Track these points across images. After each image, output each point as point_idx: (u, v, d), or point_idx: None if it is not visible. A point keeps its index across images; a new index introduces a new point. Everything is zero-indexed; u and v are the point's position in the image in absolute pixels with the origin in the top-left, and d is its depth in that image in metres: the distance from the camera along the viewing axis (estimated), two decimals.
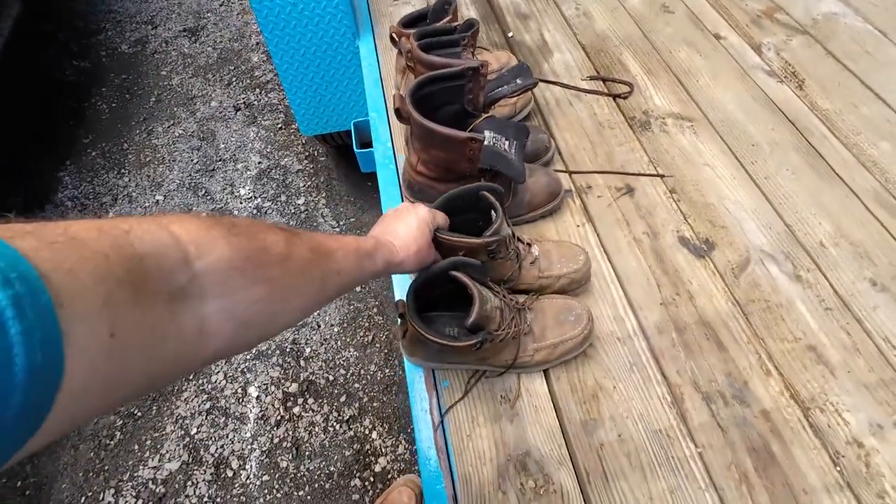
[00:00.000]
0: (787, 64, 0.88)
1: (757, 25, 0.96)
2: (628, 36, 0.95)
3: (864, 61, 0.87)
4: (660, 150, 0.77)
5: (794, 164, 0.74)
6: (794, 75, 0.86)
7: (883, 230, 0.67)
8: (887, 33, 0.91)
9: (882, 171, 0.73)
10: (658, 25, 0.97)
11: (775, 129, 0.79)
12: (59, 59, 1.80)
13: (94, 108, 1.65)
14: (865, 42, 0.90)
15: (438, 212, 0.49)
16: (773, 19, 0.97)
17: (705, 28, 0.96)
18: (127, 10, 2.00)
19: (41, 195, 1.42)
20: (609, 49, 0.93)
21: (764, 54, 0.90)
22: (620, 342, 0.58)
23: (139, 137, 1.56)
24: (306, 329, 1.17)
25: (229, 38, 1.87)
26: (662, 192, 0.72)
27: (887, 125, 0.78)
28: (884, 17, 0.94)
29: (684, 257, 0.65)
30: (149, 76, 1.74)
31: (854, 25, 0.94)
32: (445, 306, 0.53)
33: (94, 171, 1.48)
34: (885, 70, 0.85)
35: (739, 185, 0.72)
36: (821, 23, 0.95)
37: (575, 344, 0.53)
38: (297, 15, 0.93)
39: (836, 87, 0.84)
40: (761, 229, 0.67)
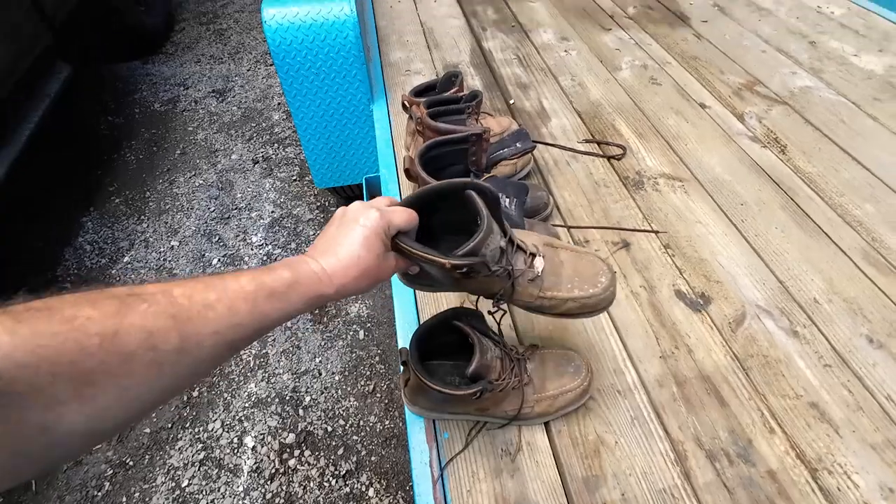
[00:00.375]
0: (769, 131, 0.95)
1: (738, 97, 1.04)
2: (620, 104, 1.04)
3: (840, 130, 0.94)
4: (653, 207, 0.81)
5: (783, 222, 0.78)
6: (777, 141, 0.93)
7: (874, 287, 0.68)
8: (860, 105, 0.99)
9: (868, 230, 0.76)
10: (647, 96, 1.06)
11: (762, 189, 0.83)
12: (96, 114, 1.95)
13: (123, 159, 1.76)
14: (840, 112, 0.98)
15: (400, 211, 0.39)
16: (753, 91, 1.05)
17: (691, 98, 1.04)
18: (163, 74, 2.19)
19: (62, 238, 1.48)
20: (602, 115, 1.01)
21: (747, 122, 0.97)
22: (621, 395, 0.58)
23: (162, 186, 1.65)
24: (307, 376, 1.16)
25: (253, 99, 2.03)
26: (657, 248, 0.75)
27: (869, 188, 0.82)
28: (855, 91, 1.02)
29: (681, 311, 0.67)
30: (176, 131, 1.88)
31: (828, 98, 1.02)
32: (446, 355, 0.54)
33: (116, 217, 1.56)
34: (861, 138, 0.92)
35: (731, 242, 0.75)
36: (797, 95, 1.03)
37: (575, 396, 0.54)
38: (319, 81, 1.03)
39: (816, 152, 0.90)
40: (755, 285, 0.70)
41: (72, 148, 1.79)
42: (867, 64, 1.10)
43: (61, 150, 1.76)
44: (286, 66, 0.96)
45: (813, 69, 1.10)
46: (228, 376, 1.17)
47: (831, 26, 1.24)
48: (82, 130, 1.88)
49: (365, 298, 1.32)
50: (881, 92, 1.01)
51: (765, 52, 1.17)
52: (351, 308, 1.30)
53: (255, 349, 1.22)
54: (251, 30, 2.50)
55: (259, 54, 2.31)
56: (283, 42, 0.93)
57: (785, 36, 1.22)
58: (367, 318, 1.28)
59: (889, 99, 1.00)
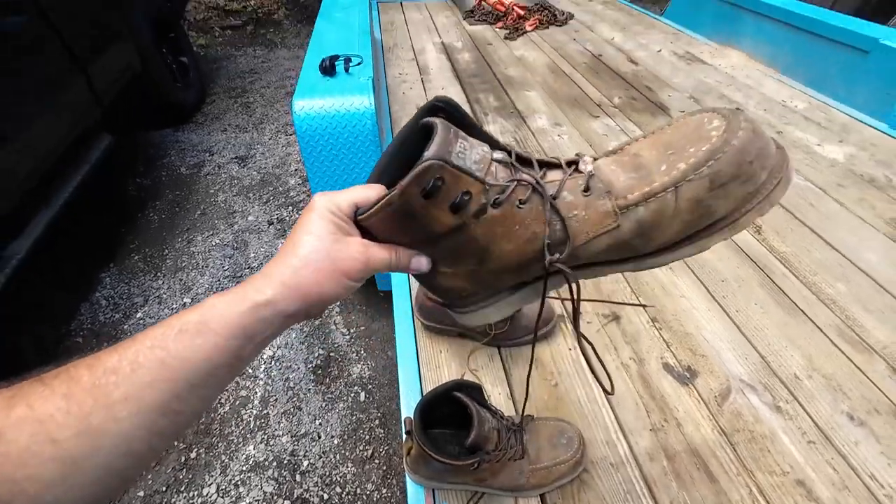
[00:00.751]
0: None
1: None
2: None
3: (810, 213, 1.03)
4: (641, 282, 0.88)
5: (761, 298, 0.84)
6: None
7: (851, 364, 0.73)
8: (826, 190, 1.09)
9: (841, 308, 0.81)
10: None
11: (740, 266, 0.90)
12: (126, 176, 2.11)
13: (147, 219, 1.88)
14: (808, 197, 1.08)
15: (352, 188, 0.32)
16: None
17: None
18: (191, 141, 2.39)
19: (81, 293, 1.55)
20: None
21: None
22: (614, 468, 0.60)
23: (180, 245, 1.75)
24: (307, 439, 1.16)
25: (272, 165, 2.19)
26: (645, 321, 0.81)
27: (839, 269, 0.89)
28: (820, 177, 1.13)
29: (669, 384, 0.71)
30: (199, 193, 2.02)
31: (797, 182, 1.12)
32: (444, 424, 0.58)
33: (134, 273, 1.63)
34: (830, 221, 1.00)
35: (714, 317, 0.81)
36: None
37: (568, 468, 0.57)
38: (338, 161, 1.15)
39: (789, 233, 0.98)
40: (738, 359, 0.74)
41: (100, 207, 1.92)
42: (829, 153, 1.22)
43: (90, 209, 1.89)
44: (310, 148, 1.08)
45: None
46: (228, 437, 1.17)
47: (796, 118, 1.39)
48: (112, 191, 2.02)
49: (367, 360, 1.35)
50: (844, 178, 1.12)
51: None
52: (353, 369, 1.32)
53: (256, 409, 1.23)
54: (275, 103, 2.75)
55: (280, 125, 2.52)
56: (308, 128, 1.05)
57: None
58: (369, 379, 1.30)
59: (851, 185, 1.10)
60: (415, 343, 0.76)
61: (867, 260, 0.90)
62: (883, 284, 0.85)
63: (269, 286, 0.28)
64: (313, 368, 1.32)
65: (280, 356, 1.36)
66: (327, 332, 1.43)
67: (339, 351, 1.37)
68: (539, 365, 0.73)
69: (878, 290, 0.84)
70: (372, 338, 1.41)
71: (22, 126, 1.27)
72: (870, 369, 0.72)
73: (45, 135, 1.37)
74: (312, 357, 1.36)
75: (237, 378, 1.28)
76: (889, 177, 1.11)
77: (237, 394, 1.26)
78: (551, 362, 0.74)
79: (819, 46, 1.52)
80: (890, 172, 1.13)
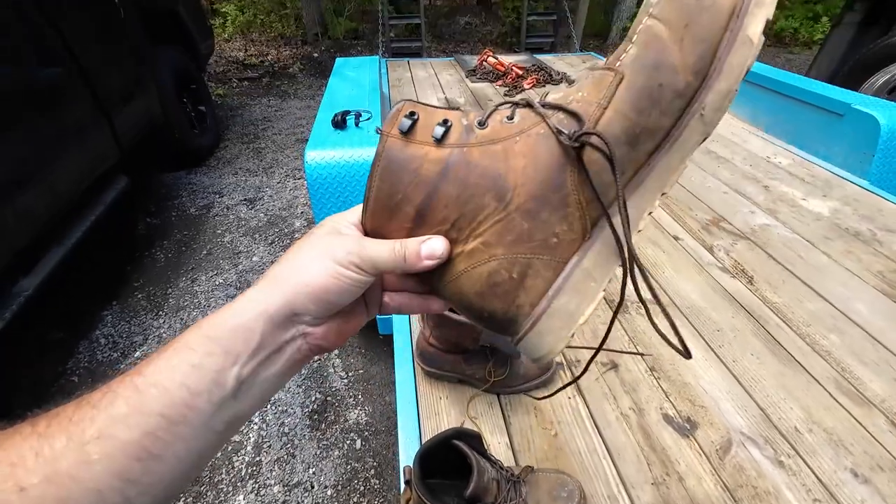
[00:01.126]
0: (736, 263, 1.08)
1: (707, 231, 1.19)
2: None
3: (800, 264, 1.06)
4: (637, 330, 0.89)
5: (757, 349, 0.85)
6: (744, 272, 1.04)
7: (851, 418, 0.73)
8: (814, 243, 1.13)
9: (837, 361, 0.82)
10: None
11: (735, 316, 0.92)
12: (136, 216, 2.17)
13: (153, 257, 1.91)
14: (797, 249, 1.11)
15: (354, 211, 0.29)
16: (718, 227, 1.21)
17: (666, 231, 1.20)
18: (202, 183, 2.48)
19: (81, 331, 1.55)
20: None
21: (716, 253, 1.11)
22: None
23: (184, 284, 1.77)
24: (299, 489, 1.12)
25: (280, 207, 2.26)
26: (644, 370, 0.81)
27: (832, 320, 0.91)
28: (807, 230, 1.18)
29: (670, 435, 0.70)
30: (206, 233, 2.07)
31: (785, 235, 1.17)
32: (444, 474, 0.57)
33: (136, 312, 1.64)
34: (819, 273, 1.03)
35: (711, 367, 0.81)
36: (758, 231, 1.18)
37: None
38: (344, 197, 1.20)
39: (781, 284, 1.01)
40: (738, 411, 0.74)
41: (109, 245, 1.96)
42: (815, 207, 1.27)
43: (99, 246, 1.93)
44: (319, 195, 1.14)
45: (769, 210, 1.27)
46: (217, 485, 1.13)
47: (781, 173, 1.46)
48: (122, 230, 2.07)
49: (365, 405, 1.33)
50: (830, 231, 1.17)
51: (726, 194, 1.36)
52: (350, 414, 1.30)
53: (248, 456, 1.19)
54: (285, 149, 2.88)
55: (289, 169, 2.63)
56: (319, 177, 1.11)
57: (741, 180, 1.43)
58: (366, 425, 1.27)
59: (837, 238, 1.14)
60: (415, 389, 0.77)
61: (858, 311, 0.92)
62: (876, 336, 0.86)
63: (251, 288, 0.25)
64: (309, 413, 1.30)
65: (276, 399, 1.34)
66: (325, 376, 1.41)
67: (336, 395, 1.35)
68: (538, 414, 0.73)
69: (872, 343, 0.85)
70: (370, 382, 1.39)
71: (45, 168, 1.33)
72: (870, 423, 0.72)
73: (66, 176, 1.43)
74: (309, 401, 1.33)
75: None
76: (873, 231, 1.16)
77: (230, 438, 1.23)
78: (550, 411, 0.74)
79: (798, 108, 1.63)
80: (873, 227, 1.18)
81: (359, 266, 0.25)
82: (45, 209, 1.34)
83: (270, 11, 5.53)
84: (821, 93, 1.54)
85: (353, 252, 0.25)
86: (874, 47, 2.03)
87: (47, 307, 1.61)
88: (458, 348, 0.70)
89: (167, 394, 0.21)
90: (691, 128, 0.24)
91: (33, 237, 1.29)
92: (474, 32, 5.55)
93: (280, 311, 0.24)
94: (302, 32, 5.15)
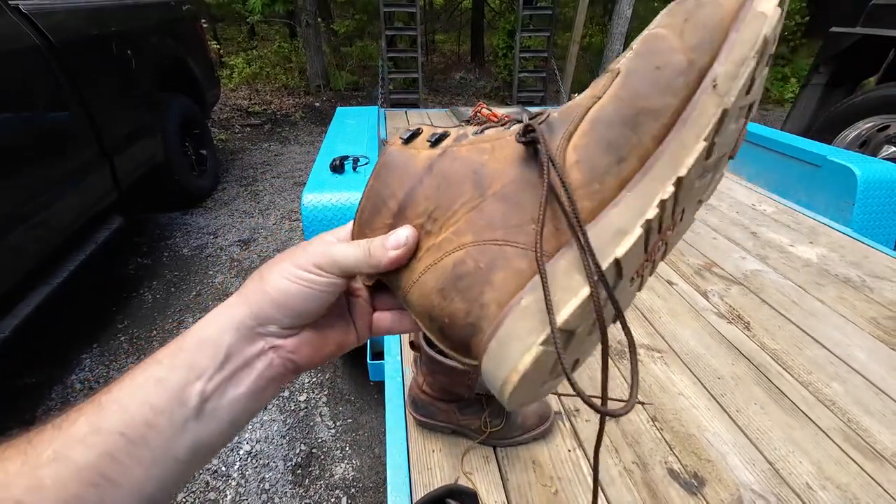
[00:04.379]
0: (731, 308, 1.07)
1: (700, 276, 1.20)
2: None
3: (794, 310, 1.06)
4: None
5: (760, 398, 0.82)
6: (740, 318, 1.04)
7: (863, 473, 0.69)
8: (806, 289, 1.14)
9: (842, 411, 0.80)
10: None
11: (734, 363, 0.90)
12: (128, 256, 2.14)
13: (140, 298, 1.87)
14: (790, 294, 1.12)
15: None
16: (711, 272, 1.22)
17: (660, 276, 1.20)
18: (197, 223, 2.49)
19: (57, 376, 1.47)
20: None
21: (710, 299, 1.11)
22: None
23: (170, 326, 1.71)
24: None
25: (274, 249, 2.26)
26: (645, 420, 0.78)
27: (832, 367, 0.89)
28: (798, 276, 1.19)
29: (677, 493, 0.66)
30: (197, 274, 2.04)
31: (777, 280, 1.18)
32: None
33: (116, 355, 1.57)
34: (814, 318, 1.03)
35: (714, 417, 0.78)
36: (750, 277, 1.19)
37: None
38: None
39: (777, 329, 1.00)
40: (746, 465, 0.70)
41: (96, 285, 1.92)
42: (803, 253, 1.30)
43: (85, 287, 1.89)
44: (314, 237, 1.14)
45: (759, 255, 1.29)
46: None
47: (767, 220, 1.50)
48: (111, 270, 2.04)
49: (352, 458, 1.25)
50: (820, 277, 1.18)
51: (716, 239, 1.39)
52: (336, 469, 1.22)
53: None
54: (283, 192, 2.93)
55: (286, 212, 2.66)
56: (315, 219, 1.12)
57: (730, 226, 1.47)
58: (353, 481, 1.19)
59: (829, 284, 1.15)
60: (406, 440, 0.72)
61: (857, 359, 0.91)
62: (878, 385, 0.85)
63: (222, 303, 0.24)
64: (292, 467, 1.22)
65: (258, 451, 1.25)
66: (311, 425, 1.34)
67: (322, 447, 1.28)
68: (536, 469, 0.69)
69: (875, 392, 0.83)
70: (359, 432, 1.32)
71: (39, 207, 1.33)
72: (884, 479, 0.68)
73: (61, 216, 1.43)
74: (293, 454, 1.25)
75: (206, 478, 1.17)
76: (862, 277, 1.18)
77: (205, 496, 1.14)
78: (550, 466, 0.70)
79: (777, 160, 1.71)
80: (862, 273, 1.19)
81: (320, 267, 0.24)
82: (36, 249, 1.32)
83: (276, 64, 5.85)
84: (798, 146, 1.63)
85: (316, 254, 0.24)
86: (841, 106, 2.18)
87: (23, 349, 1.54)
88: (452, 396, 0.67)
89: (128, 411, 0.20)
90: (704, 102, 0.21)
91: (19, 277, 1.26)
92: (469, 87, 5.89)
93: (245, 321, 0.23)
94: (305, 84, 5.43)
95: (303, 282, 0.23)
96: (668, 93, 0.22)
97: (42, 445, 0.19)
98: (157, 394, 0.21)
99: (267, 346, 0.24)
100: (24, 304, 1.27)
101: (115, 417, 0.20)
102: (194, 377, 0.22)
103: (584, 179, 0.23)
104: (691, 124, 0.22)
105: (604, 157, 0.23)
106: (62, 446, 0.19)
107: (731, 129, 0.22)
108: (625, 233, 0.21)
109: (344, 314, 0.27)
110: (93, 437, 0.20)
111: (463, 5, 7.49)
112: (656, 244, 0.23)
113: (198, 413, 0.22)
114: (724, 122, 0.21)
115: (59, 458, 0.19)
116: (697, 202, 0.26)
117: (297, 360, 0.25)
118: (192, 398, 0.22)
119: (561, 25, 5.81)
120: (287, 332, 0.24)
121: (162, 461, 0.21)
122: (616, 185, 0.22)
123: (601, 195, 0.22)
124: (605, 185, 0.23)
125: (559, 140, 0.24)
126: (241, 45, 6.72)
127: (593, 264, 0.21)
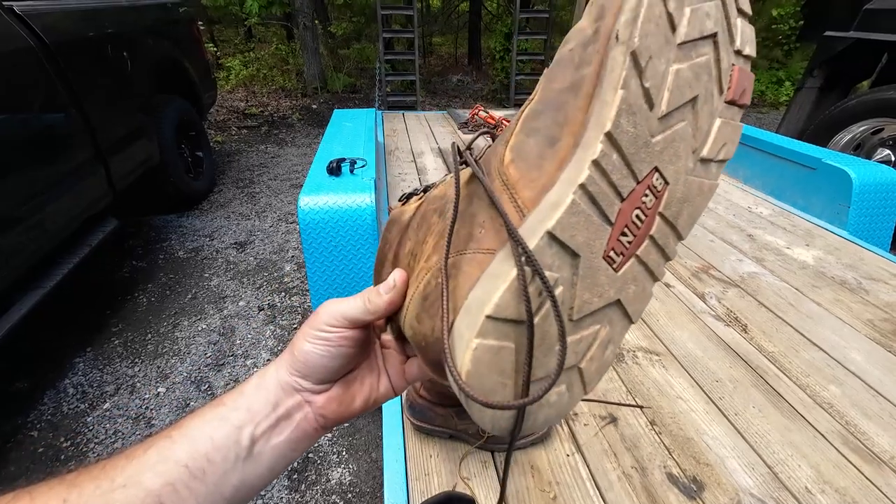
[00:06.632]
0: (728, 310, 1.07)
1: (697, 279, 1.20)
2: None
3: (791, 312, 1.06)
4: (635, 381, 0.87)
5: (758, 401, 0.82)
6: (737, 320, 1.04)
7: (862, 477, 0.69)
8: (802, 291, 1.14)
9: (840, 413, 0.80)
10: None
11: (732, 366, 0.90)
12: (122, 258, 2.13)
13: (135, 301, 1.85)
14: (787, 297, 1.12)
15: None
16: (708, 274, 1.22)
17: None
18: (193, 226, 2.47)
19: (49, 380, 1.45)
20: None
21: (708, 301, 1.11)
22: None
23: (165, 329, 1.70)
24: None
25: (270, 251, 2.25)
26: (644, 424, 0.78)
27: (829, 369, 0.90)
28: (795, 278, 1.19)
29: (676, 497, 0.66)
30: (192, 277, 2.03)
31: (774, 283, 1.18)
32: None
33: (110, 359, 1.56)
34: (811, 321, 1.03)
35: (713, 420, 0.78)
36: (747, 279, 1.20)
37: None
38: (337, 252, 1.19)
39: (775, 332, 1.00)
40: (745, 469, 0.70)
41: (90, 288, 1.90)
42: (799, 255, 1.30)
43: (79, 290, 1.87)
44: (311, 240, 1.13)
45: (756, 258, 1.30)
46: None
47: (763, 223, 1.51)
48: (105, 273, 2.02)
49: (349, 462, 1.24)
50: (817, 280, 1.18)
51: (713, 242, 1.39)
52: (332, 473, 1.21)
53: None
54: (279, 194, 2.92)
55: (282, 214, 2.64)
56: (311, 222, 1.11)
57: (726, 229, 1.47)
58: (349, 486, 1.18)
59: (825, 286, 1.16)
60: (403, 446, 0.72)
61: (854, 361, 0.91)
62: (875, 387, 0.85)
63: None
64: (288, 472, 1.20)
65: None
66: None
67: (318, 451, 1.26)
68: (535, 474, 0.68)
69: (873, 394, 0.83)
70: (356, 436, 1.31)
71: (34, 210, 1.32)
72: (882, 483, 0.68)
73: (55, 219, 1.41)
74: None
75: None
76: (858, 279, 1.18)
77: None
78: (549, 471, 0.69)
79: (773, 162, 1.72)
80: (858, 275, 1.20)
81: (329, 323, 0.27)
82: (29, 252, 1.31)
83: (273, 67, 5.85)
84: (794, 149, 1.63)
85: (326, 313, 0.27)
86: (835, 109, 2.19)
87: (16, 353, 1.52)
88: (450, 401, 0.67)
89: (194, 443, 0.23)
90: (612, 56, 0.21)
91: (11, 282, 1.25)
92: (465, 89, 5.90)
93: (284, 377, 0.27)
94: (302, 86, 5.42)
95: (319, 340, 0.27)
96: (582, 65, 0.23)
97: (115, 472, 0.22)
98: (219, 430, 0.24)
99: (303, 400, 0.27)
100: (17, 308, 1.26)
101: (183, 449, 0.23)
102: (249, 420, 0.25)
103: (520, 173, 0.23)
104: (606, 81, 0.22)
105: (535, 146, 0.23)
106: (134, 472, 0.22)
107: (676, 70, 0.21)
108: (557, 204, 0.21)
109: (374, 369, 0.31)
110: (162, 465, 0.22)
111: (460, 8, 7.52)
112: (630, 217, 0.22)
113: (248, 453, 0.25)
114: (642, 64, 0.21)
115: (130, 484, 0.21)
116: (700, 161, 0.24)
117: (326, 414, 0.28)
118: (245, 438, 0.25)
119: (558, 28, 5.83)
120: (319, 388, 0.28)
121: (212, 498, 0.23)
122: (555, 167, 0.22)
123: (541, 181, 0.23)
124: (544, 170, 0.23)
125: (500, 148, 0.25)
126: (238, 47, 6.71)
127: (515, 243, 0.20)
